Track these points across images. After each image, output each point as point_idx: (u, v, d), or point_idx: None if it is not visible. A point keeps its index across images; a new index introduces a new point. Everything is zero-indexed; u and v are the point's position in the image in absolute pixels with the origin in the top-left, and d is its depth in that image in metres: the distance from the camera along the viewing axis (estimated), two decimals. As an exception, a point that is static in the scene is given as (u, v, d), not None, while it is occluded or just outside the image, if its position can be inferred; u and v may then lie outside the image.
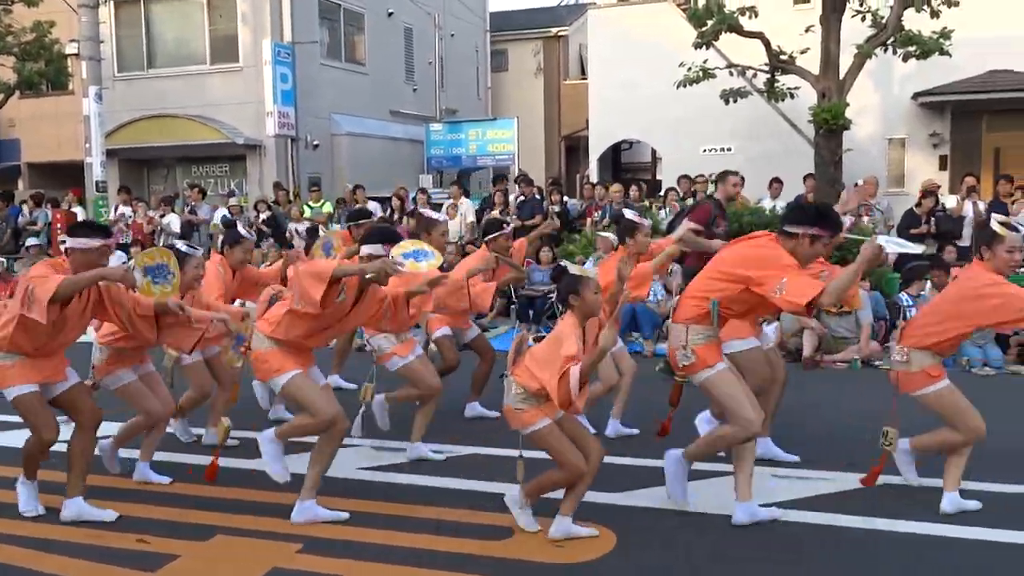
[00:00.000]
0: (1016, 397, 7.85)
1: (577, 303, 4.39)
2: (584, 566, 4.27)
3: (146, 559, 4.41)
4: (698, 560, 4.35)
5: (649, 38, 17.93)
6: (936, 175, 16.08)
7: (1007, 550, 4.41)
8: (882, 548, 4.44)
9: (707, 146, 17.85)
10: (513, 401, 4.44)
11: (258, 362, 4.86)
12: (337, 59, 20.46)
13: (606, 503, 5.02)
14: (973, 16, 14.50)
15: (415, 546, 4.52)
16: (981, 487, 5.19)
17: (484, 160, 21.40)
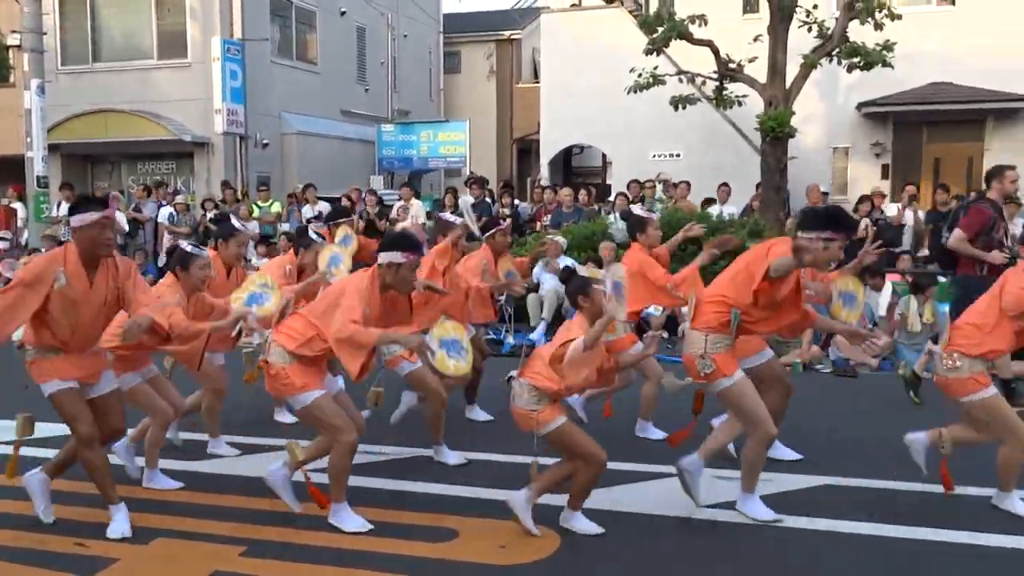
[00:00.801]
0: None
1: (587, 304, 4.48)
2: (529, 567, 4.29)
3: (85, 563, 4.33)
4: (641, 560, 4.39)
5: (601, 43, 18.04)
6: (878, 183, 16.42)
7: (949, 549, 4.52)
8: (823, 545, 4.53)
9: (656, 152, 18.01)
10: (526, 404, 4.45)
11: (278, 378, 4.67)
12: (288, 57, 20.26)
13: (551, 505, 5.04)
14: (915, 30, 14.88)
15: (358, 548, 4.50)
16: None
17: (436, 162, 21.35)
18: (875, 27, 12.94)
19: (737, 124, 14.43)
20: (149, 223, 15.14)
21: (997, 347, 4.87)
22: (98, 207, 4.49)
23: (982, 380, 4.84)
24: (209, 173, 18.44)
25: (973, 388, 4.82)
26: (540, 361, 4.48)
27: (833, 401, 8.04)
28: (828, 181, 16.16)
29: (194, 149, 18.57)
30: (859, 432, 6.70)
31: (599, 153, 22.48)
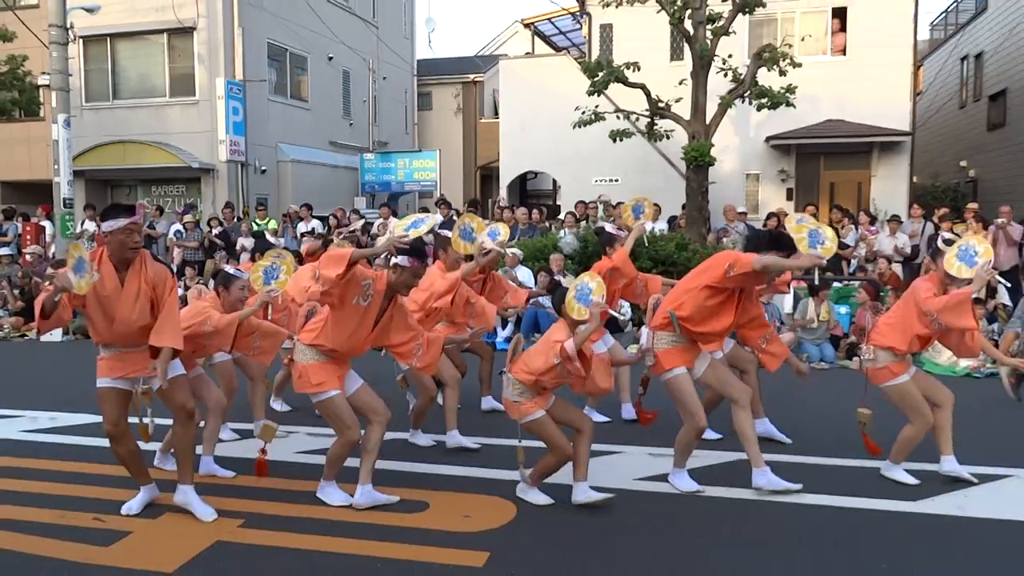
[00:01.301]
0: (846, 387, 8.13)
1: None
2: (488, 534, 4.25)
3: (102, 536, 4.22)
4: (590, 526, 4.37)
5: (551, 85, 18.07)
6: (783, 205, 16.61)
7: (843, 513, 4.55)
8: (747, 509, 4.55)
9: (598, 177, 18.06)
10: (512, 395, 4.47)
11: (299, 375, 4.56)
12: (283, 95, 20.03)
13: (510, 479, 5.00)
14: (813, 76, 15.10)
15: (341, 519, 4.44)
16: (823, 461, 5.37)
17: (411, 186, 21.26)
18: (780, 73, 13.08)
19: (666, 154, 14.53)
20: (161, 239, 14.87)
21: (899, 345, 4.87)
22: (126, 214, 4.33)
23: (895, 369, 4.87)
24: (214, 195, 18.15)
25: (887, 376, 4.88)
26: (525, 359, 4.45)
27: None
28: (742, 202, 16.28)
29: (201, 175, 18.27)
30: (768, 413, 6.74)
31: (550, 178, 22.50)
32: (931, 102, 23.43)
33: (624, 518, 4.46)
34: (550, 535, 4.25)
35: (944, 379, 8.08)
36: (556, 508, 4.60)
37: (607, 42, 18.11)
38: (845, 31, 17.23)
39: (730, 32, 13.21)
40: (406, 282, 4.61)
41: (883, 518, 4.45)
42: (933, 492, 4.80)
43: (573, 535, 4.25)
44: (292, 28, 19.82)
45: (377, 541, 4.14)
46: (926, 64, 24.65)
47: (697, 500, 4.70)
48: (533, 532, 4.29)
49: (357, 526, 4.34)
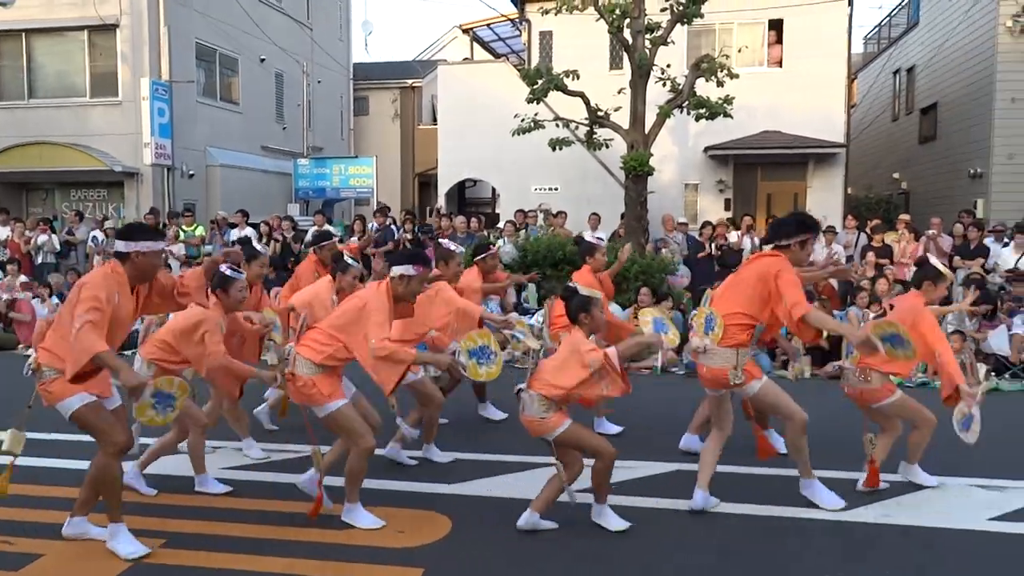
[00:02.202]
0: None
1: (587, 321, 4.39)
2: (422, 549, 4.24)
3: (10, 559, 4.07)
4: (528, 540, 4.39)
5: (490, 92, 18.14)
6: (722, 215, 16.96)
7: (768, 522, 4.67)
8: (685, 521, 4.62)
9: (538, 185, 18.19)
10: (536, 412, 4.32)
11: (306, 388, 4.43)
12: (213, 97, 19.66)
13: (444, 493, 5.00)
14: (750, 87, 15.49)
15: (268, 537, 4.37)
16: (752, 471, 5.49)
17: (346, 192, 21.08)
18: (717, 84, 13.36)
19: (605, 163, 14.69)
20: (81, 245, 14.45)
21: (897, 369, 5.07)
22: (159, 238, 4.24)
23: (890, 388, 5.08)
24: (138, 200, 17.68)
25: (884, 396, 5.08)
26: (547, 372, 4.36)
27: (686, 398, 8.22)
28: (681, 212, 16.60)
29: (124, 179, 17.79)
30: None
31: (489, 186, 22.57)
32: (865, 115, 24.26)
33: (564, 531, 4.49)
34: (485, 550, 4.26)
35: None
36: (492, 522, 4.61)
37: (547, 49, 18.29)
38: (781, 43, 17.74)
39: (668, 42, 13.46)
40: (414, 290, 4.63)
41: (809, 526, 4.58)
42: (864, 501, 4.96)
43: (510, 550, 4.26)
44: (222, 28, 19.49)
45: (307, 559, 4.09)
46: (860, 77, 25.53)
47: (640, 511, 4.76)
48: (468, 547, 4.29)
49: (285, 544, 4.28)
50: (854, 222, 13.27)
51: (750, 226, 13.58)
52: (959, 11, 18.43)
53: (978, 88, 17.48)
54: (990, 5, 16.90)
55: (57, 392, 4.03)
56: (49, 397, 4.07)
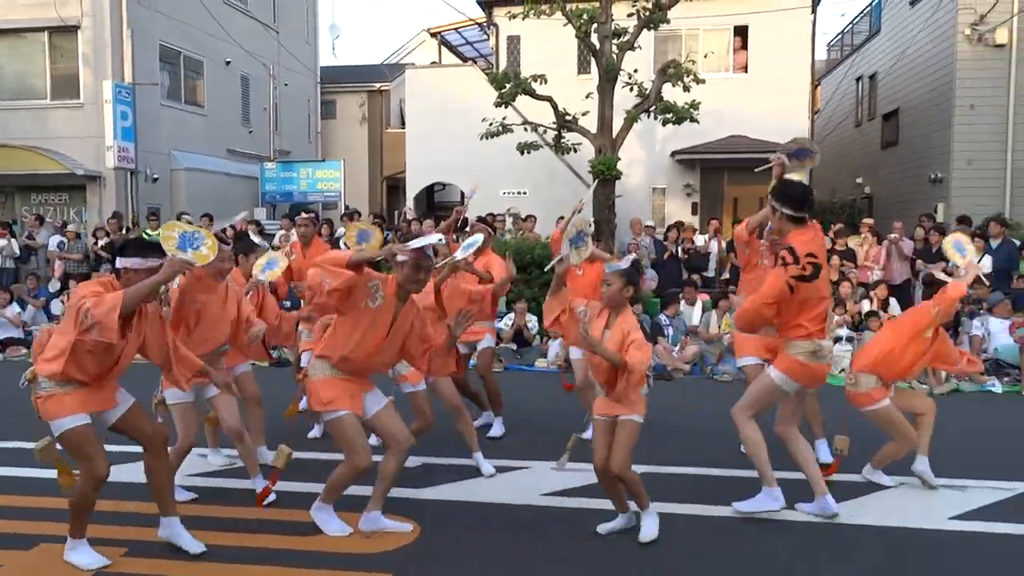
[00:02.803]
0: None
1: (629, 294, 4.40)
2: (389, 554, 4.21)
3: (-35, 571, 3.98)
4: (494, 543, 4.38)
5: (458, 96, 18.14)
6: (689, 219, 17.12)
7: (727, 522, 4.71)
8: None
9: (506, 189, 18.21)
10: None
11: (311, 390, 4.35)
12: (177, 100, 19.41)
13: (411, 498, 4.98)
14: (716, 92, 15.67)
15: (233, 544, 4.32)
16: (713, 472, 5.54)
17: (314, 196, 20.90)
18: (684, 89, 13.51)
19: (573, 167, 14.76)
20: (41, 250, 14.18)
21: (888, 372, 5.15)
22: (157, 254, 3.96)
23: (875, 395, 5.11)
24: (101, 204, 17.40)
25: (867, 401, 5.13)
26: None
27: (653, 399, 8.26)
28: (649, 216, 16.70)
29: (86, 182, 17.49)
30: (677, 425, 6.92)
31: (458, 190, 22.54)
32: (828, 120, 24.60)
33: (530, 534, 4.49)
34: (453, 554, 4.24)
35: (835, 390, 8.46)
36: (459, 527, 4.60)
37: (514, 54, 18.34)
38: (746, 49, 17.96)
39: (635, 47, 13.57)
40: (411, 276, 4.29)
41: (768, 526, 4.63)
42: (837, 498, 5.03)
43: (477, 554, 4.25)
44: (186, 30, 19.27)
45: (273, 566, 4.05)
46: (824, 83, 25.90)
47: (607, 514, 4.78)
48: (435, 551, 4.28)
49: (250, 551, 4.23)
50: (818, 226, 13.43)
51: (717, 230, 13.72)
52: (919, 19, 18.79)
53: (938, 95, 17.82)
54: (949, 14, 17.24)
55: (51, 409, 3.88)
56: (43, 412, 3.91)
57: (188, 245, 4.04)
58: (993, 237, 11.48)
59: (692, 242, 13.30)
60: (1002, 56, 16.54)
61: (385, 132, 27.03)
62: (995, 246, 11.30)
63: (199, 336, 4.90)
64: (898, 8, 20.46)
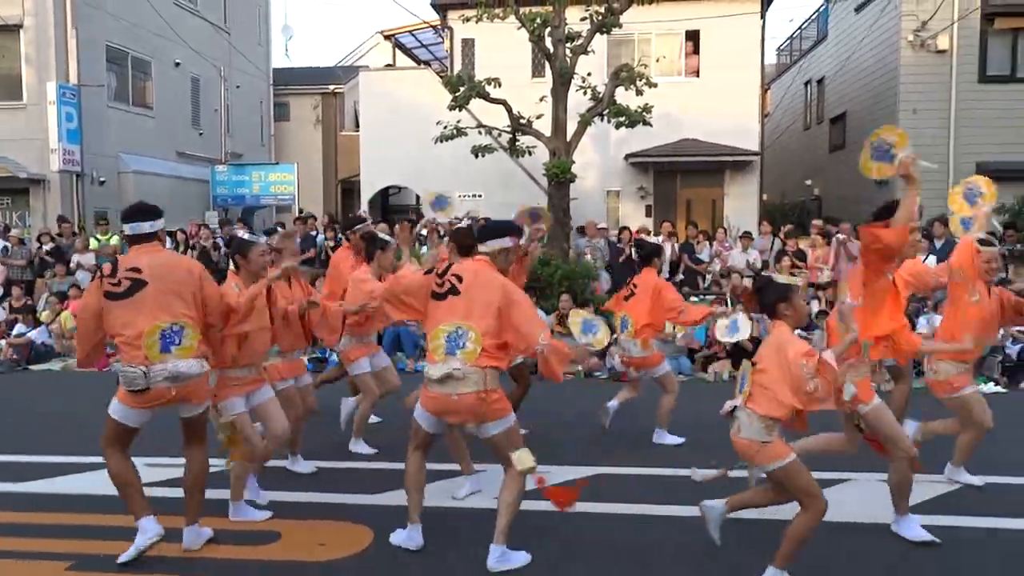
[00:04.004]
0: (702, 397, 8.53)
1: (789, 311, 3.73)
2: (343, 561, 4.17)
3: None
4: (449, 549, 4.36)
5: (413, 99, 18.08)
6: (643, 221, 17.28)
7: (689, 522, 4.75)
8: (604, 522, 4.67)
9: (461, 192, 18.14)
10: (757, 434, 3.63)
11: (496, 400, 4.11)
12: (125, 102, 19.02)
13: (364, 504, 4.94)
14: (668, 96, 15.84)
15: (184, 556, 4.23)
16: (676, 472, 5.59)
17: (267, 200, 20.66)
18: (636, 93, 13.61)
19: (528, 170, 14.77)
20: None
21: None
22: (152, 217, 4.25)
23: (956, 383, 5.05)
24: (46, 208, 16.98)
25: (949, 389, 5.08)
26: (763, 385, 3.65)
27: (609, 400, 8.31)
28: (604, 218, 16.81)
29: (30, 186, 17.05)
30: (627, 426, 6.96)
31: (412, 193, 22.45)
32: (778, 124, 25.06)
33: (487, 540, 4.48)
34: (409, 560, 4.22)
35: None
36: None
37: (469, 57, 18.33)
38: (698, 54, 18.20)
39: (589, 51, 13.64)
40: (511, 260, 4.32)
41: (732, 525, 4.69)
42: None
43: (430, 559, 4.23)
44: (134, 30, 18.90)
45: (223, 576, 3.99)
46: (773, 87, 26.37)
47: (565, 516, 4.78)
48: (391, 558, 4.24)
49: (200, 562, 4.15)
50: (770, 228, 13.68)
51: (670, 232, 13.86)
52: (864, 26, 19.23)
53: (883, 99, 18.26)
54: (893, 20, 17.68)
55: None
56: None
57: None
58: (937, 237, 11.78)
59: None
60: (943, 62, 17.02)
61: (339, 135, 26.82)
62: (939, 246, 11.59)
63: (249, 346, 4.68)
64: (844, 15, 20.93)
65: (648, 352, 6.40)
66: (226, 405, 4.56)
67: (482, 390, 3.92)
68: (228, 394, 4.56)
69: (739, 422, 3.68)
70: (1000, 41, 17.13)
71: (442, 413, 4.06)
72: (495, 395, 3.96)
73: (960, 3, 16.74)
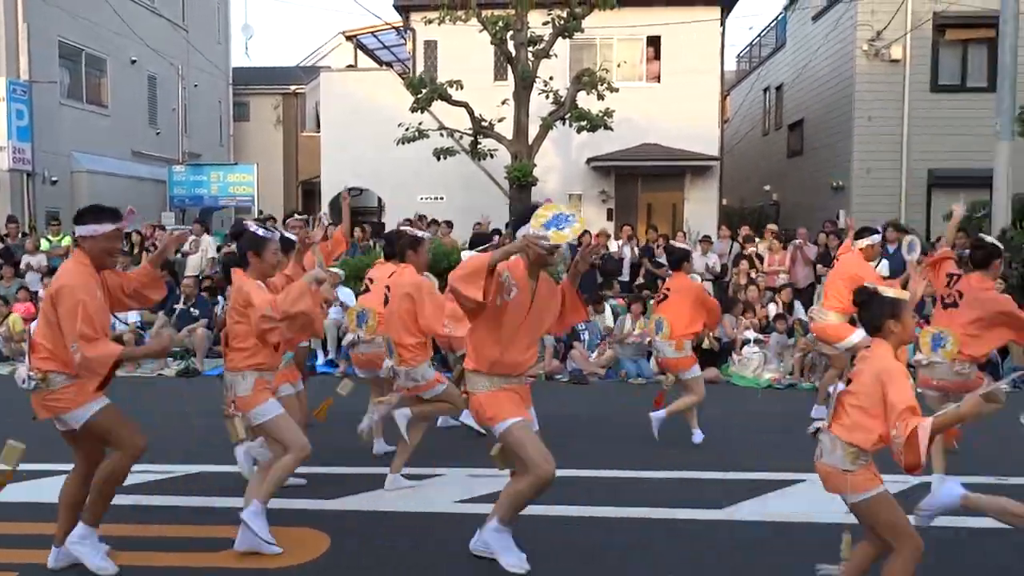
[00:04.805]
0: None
1: (898, 329, 3.34)
2: (299, 568, 4.11)
3: None
4: (408, 554, 4.32)
5: (374, 100, 17.97)
6: (604, 225, 17.36)
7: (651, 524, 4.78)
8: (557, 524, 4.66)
9: (423, 195, 18.12)
10: (840, 462, 3.27)
11: (476, 407, 4.04)
12: (79, 100, 18.63)
13: (321, 509, 4.88)
14: (629, 101, 15.95)
15: (135, 563, 4.12)
16: (636, 475, 5.61)
17: (225, 201, 20.37)
18: (598, 97, 13.70)
19: (490, 173, 14.78)
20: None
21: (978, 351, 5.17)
22: (111, 218, 4.00)
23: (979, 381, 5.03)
24: (-7, 208, 16.55)
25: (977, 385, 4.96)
26: (852, 408, 3.28)
27: (570, 403, 8.34)
28: (565, 222, 16.81)
29: (-21, 185, 16.61)
30: (592, 429, 6.99)
31: (375, 195, 22.32)
32: (738, 129, 25.38)
33: (445, 544, 4.45)
34: (366, 566, 4.17)
35: (746, 391, 8.70)
36: (370, 537, 4.52)
37: (431, 59, 18.28)
38: (659, 59, 18.36)
39: (551, 55, 13.70)
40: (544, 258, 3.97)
41: (690, 526, 4.72)
42: (735, 499, 5.16)
43: (390, 565, 4.19)
44: (89, 27, 18.52)
45: (174, 585, 3.90)
46: (733, 94, 26.70)
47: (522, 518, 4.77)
48: (348, 564, 4.19)
49: (153, 570, 4.06)
50: (728, 232, 13.82)
51: (630, 236, 13.94)
52: (821, 34, 19.56)
53: (839, 106, 18.58)
54: (848, 30, 18.01)
55: (69, 401, 3.81)
56: (55, 408, 3.82)
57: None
58: (890, 242, 11.99)
59: (606, 247, 13.48)
60: (897, 71, 17.37)
61: (300, 135, 26.58)
62: (892, 251, 11.81)
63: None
64: (802, 23, 21.26)
65: (683, 354, 6.43)
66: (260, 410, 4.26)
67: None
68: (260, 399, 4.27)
69: (821, 446, 3.36)
70: (951, 51, 17.55)
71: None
72: None
73: (913, 14, 17.12)
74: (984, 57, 17.01)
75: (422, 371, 5.23)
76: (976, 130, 15.69)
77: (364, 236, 13.65)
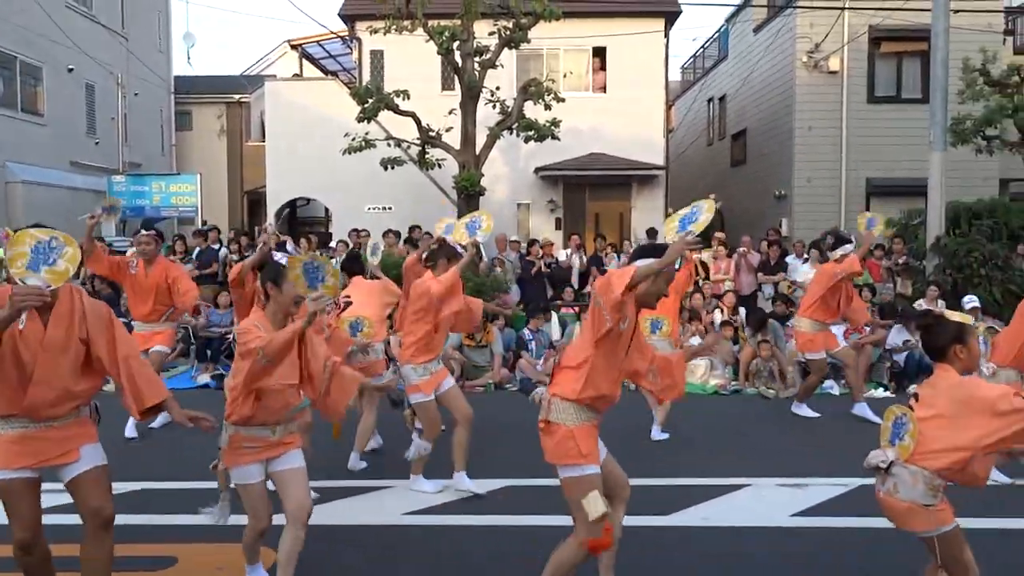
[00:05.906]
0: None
1: (964, 355, 3.17)
2: (244, 585, 4.06)
3: None
4: (356, 570, 4.30)
5: (321, 109, 17.83)
6: (553, 234, 17.48)
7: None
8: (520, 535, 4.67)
9: (371, 205, 18.01)
10: (920, 497, 3.09)
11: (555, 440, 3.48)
12: (13, 108, 18.10)
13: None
14: (576, 110, 16.12)
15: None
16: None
17: (168, 211, 19.94)
18: (545, 107, 13.78)
19: (438, 182, 14.76)
20: None
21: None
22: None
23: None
24: (-77, 220, 15.99)
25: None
26: (944, 434, 3.07)
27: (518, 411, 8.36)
28: (514, 231, 16.91)
29: (-94, 196, 16.04)
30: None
31: (322, 205, 22.12)
32: (682, 139, 25.79)
33: (393, 557, 4.44)
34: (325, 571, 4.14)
35: (694, 396, 8.84)
36: (320, 549, 4.49)
37: (378, 68, 18.21)
38: (605, 70, 18.58)
39: (497, 65, 13.76)
40: (660, 290, 3.53)
41: (636, 531, 4.78)
42: (682, 505, 5.24)
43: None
44: (22, 34, 18.03)
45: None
46: (678, 104, 27.14)
47: (468, 531, 4.79)
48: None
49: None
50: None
51: (578, 244, 14.07)
52: (762, 46, 20.02)
53: (780, 117, 19.03)
54: (788, 42, 18.46)
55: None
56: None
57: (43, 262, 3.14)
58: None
59: (554, 256, 13.58)
60: (835, 82, 17.86)
61: (245, 145, 26.21)
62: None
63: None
64: (743, 35, 21.74)
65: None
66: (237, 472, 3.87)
67: None
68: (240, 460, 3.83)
69: (896, 480, 3.13)
70: (887, 64, 18.11)
71: None
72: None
73: (850, 27, 17.62)
74: (918, 69, 17.58)
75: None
76: (912, 140, 16.21)
77: (310, 247, 13.52)
